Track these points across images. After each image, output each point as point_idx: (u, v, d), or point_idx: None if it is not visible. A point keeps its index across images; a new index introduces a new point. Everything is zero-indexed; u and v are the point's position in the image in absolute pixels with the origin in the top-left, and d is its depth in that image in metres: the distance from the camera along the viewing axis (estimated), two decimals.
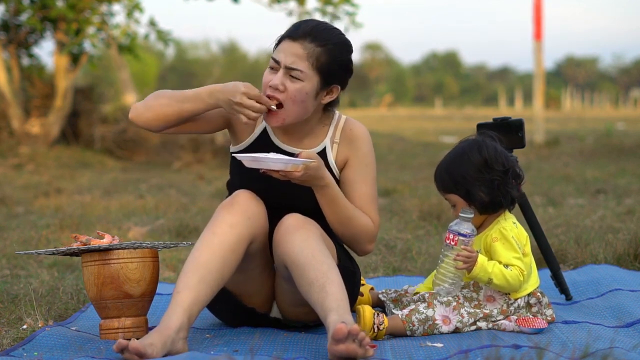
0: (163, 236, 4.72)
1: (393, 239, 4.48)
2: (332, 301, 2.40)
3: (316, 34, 2.61)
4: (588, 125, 20.92)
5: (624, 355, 2.23)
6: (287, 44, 2.62)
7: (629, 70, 75.37)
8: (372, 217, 2.74)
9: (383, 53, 74.78)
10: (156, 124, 2.69)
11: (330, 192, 2.62)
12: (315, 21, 2.68)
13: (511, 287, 2.66)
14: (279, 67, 2.63)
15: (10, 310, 2.99)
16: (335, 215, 2.66)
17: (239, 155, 2.54)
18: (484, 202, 2.69)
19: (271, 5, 10.81)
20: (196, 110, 2.66)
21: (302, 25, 2.64)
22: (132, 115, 2.70)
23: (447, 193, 2.75)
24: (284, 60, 2.61)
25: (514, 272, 2.64)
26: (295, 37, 2.62)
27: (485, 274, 2.63)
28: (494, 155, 2.70)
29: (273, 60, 2.64)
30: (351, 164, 2.76)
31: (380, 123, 24.49)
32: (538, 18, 12.24)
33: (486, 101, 62.98)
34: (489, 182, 2.68)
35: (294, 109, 2.63)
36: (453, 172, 2.72)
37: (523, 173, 2.78)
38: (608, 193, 6.67)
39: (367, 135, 2.80)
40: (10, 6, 10.82)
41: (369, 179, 2.76)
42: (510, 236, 2.69)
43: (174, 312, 2.41)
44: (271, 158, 2.48)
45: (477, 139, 2.76)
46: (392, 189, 7.02)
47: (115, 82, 25.03)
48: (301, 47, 2.60)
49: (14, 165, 9.93)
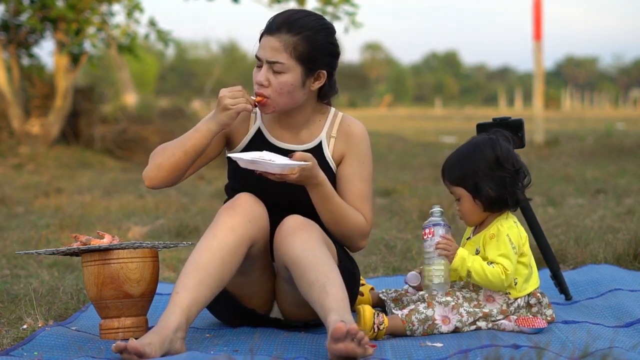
0: (163, 236, 4.72)
1: (393, 239, 4.48)
2: (332, 301, 2.40)
3: (290, 24, 2.64)
4: (588, 125, 20.92)
5: (623, 355, 2.23)
6: (265, 40, 2.66)
7: (629, 70, 75.35)
8: (365, 214, 2.74)
9: (383, 53, 74.75)
10: (173, 176, 2.70)
11: (323, 190, 2.62)
12: (290, 11, 2.70)
13: (492, 284, 2.65)
14: (262, 64, 2.66)
15: (10, 310, 2.99)
16: (328, 213, 2.67)
17: (236, 155, 2.55)
18: (490, 198, 2.69)
19: (271, 5, 10.81)
20: (201, 145, 2.68)
21: (276, 18, 2.66)
22: (149, 182, 2.70)
23: (454, 186, 2.75)
24: (264, 55, 2.65)
25: (495, 270, 2.64)
26: (271, 31, 2.65)
27: (464, 267, 2.64)
28: (507, 154, 2.71)
29: (256, 58, 2.68)
30: (348, 161, 2.77)
31: (380, 123, 24.49)
32: (538, 18, 12.24)
33: (486, 101, 62.95)
34: (499, 179, 2.69)
35: (282, 100, 2.67)
36: (464, 166, 2.72)
37: (530, 177, 2.78)
38: (608, 193, 6.67)
39: (365, 133, 2.81)
40: (10, 6, 10.81)
41: (364, 177, 2.77)
42: (505, 234, 2.68)
43: (172, 312, 2.41)
44: (267, 162, 2.48)
45: (491, 136, 2.76)
46: (392, 189, 7.01)
47: (115, 82, 25.04)
48: (277, 40, 2.63)
49: (14, 165, 9.93)
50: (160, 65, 50.19)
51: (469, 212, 2.75)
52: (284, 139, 2.78)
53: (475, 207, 2.73)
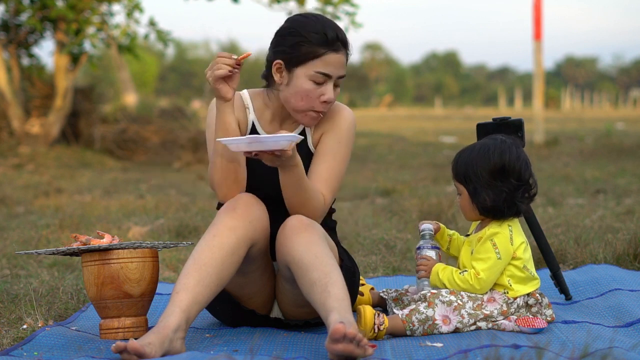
0: (163, 236, 4.72)
1: (393, 239, 4.48)
2: (334, 301, 2.40)
3: (345, 39, 2.70)
4: (588, 125, 20.92)
5: (623, 354, 2.23)
6: (334, 57, 2.66)
7: (629, 70, 75.39)
8: (326, 194, 2.72)
9: (383, 53, 74.78)
10: (232, 178, 2.65)
11: (298, 171, 2.59)
12: (333, 23, 2.70)
13: (466, 290, 2.69)
14: (326, 80, 2.66)
15: (10, 310, 2.99)
16: (294, 196, 2.64)
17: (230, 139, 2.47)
18: (486, 206, 2.71)
19: (271, 5, 10.81)
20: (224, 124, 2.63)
21: (337, 35, 2.67)
22: (221, 197, 2.68)
23: (457, 182, 2.78)
24: (337, 73, 2.68)
25: (464, 277, 2.69)
26: (337, 49, 2.67)
27: (439, 281, 2.73)
28: (514, 164, 2.70)
29: (321, 75, 2.65)
30: (325, 138, 2.77)
31: (380, 123, 24.49)
32: (538, 18, 12.24)
33: (486, 101, 62.99)
34: (498, 190, 2.69)
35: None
36: (468, 167, 2.73)
37: (536, 189, 2.77)
38: (608, 193, 6.67)
39: (351, 118, 2.81)
40: (10, 6, 10.82)
41: (337, 156, 2.75)
42: (489, 239, 2.69)
43: (171, 312, 2.41)
44: (268, 138, 2.43)
45: (506, 140, 2.75)
46: (392, 189, 7.02)
47: (115, 82, 25.06)
48: (343, 55, 2.70)
49: (14, 165, 9.93)
50: (160, 65, 50.22)
51: (466, 210, 2.78)
52: (271, 131, 2.79)
53: (472, 207, 2.75)
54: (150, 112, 12.57)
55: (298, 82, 2.66)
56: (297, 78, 2.66)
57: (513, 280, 2.71)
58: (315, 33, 2.64)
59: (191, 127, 11.91)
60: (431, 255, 2.81)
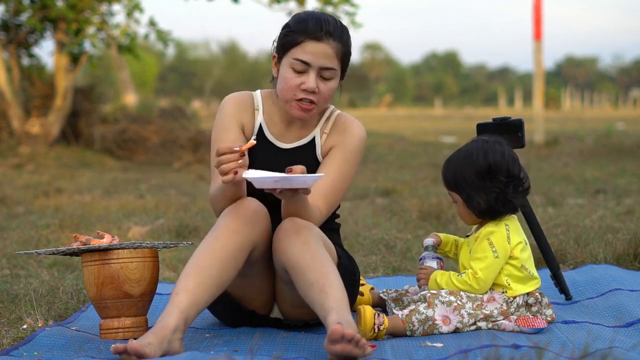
0: (163, 236, 4.72)
1: (393, 239, 4.48)
2: (332, 301, 2.40)
3: (336, 30, 2.66)
4: (588, 125, 20.92)
5: (623, 355, 2.23)
6: (314, 46, 2.64)
7: (629, 70, 75.38)
8: (322, 209, 2.70)
9: (383, 53, 74.79)
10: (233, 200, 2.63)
11: (305, 200, 2.59)
12: (325, 16, 2.70)
13: (466, 291, 2.70)
14: (306, 69, 2.64)
15: (10, 310, 2.99)
16: (293, 214, 2.62)
17: (252, 176, 2.42)
18: (481, 209, 2.72)
19: (271, 5, 10.81)
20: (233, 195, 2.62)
21: (322, 25, 2.64)
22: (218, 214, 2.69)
23: (449, 190, 2.78)
24: (315, 62, 2.64)
25: (462, 278, 2.70)
26: (319, 38, 2.64)
27: (437, 286, 2.74)
28: (500, 162, 2.70)
29: (300, 62, 2.64)
30: (332, 152, 2.77)
31: (380, 123, 24.48)
32: (538, 18, 12.24)
33: (486, 101, 62.97)
34: (490, 190, 2.69)
35: (324, 105, 2.72)
36: (456, 173, 2.74)
37: (529, 182, 2.77)
38: (608, 193, 6.67)
39: (362, 134, 2.80)
40: (10, 6, 10.82)
41: (342, 172, 2.74)
42: (486, 238, 2.70)
43: (170, 313, 2.41)
44: (299, 177, 2.40)
45: (487, 140, 2.75)
46: (392, 189, 7.02)
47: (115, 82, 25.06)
48: (328, 46, 2.65)
49: (14, 165, 9.93)
50: (160, 65, 50.21)
51: (464, 216, 2.80)
52: (281, 137, 2.78)
53: (469, 212, 2.76)
54: (150, 112, 12.57)
55: (282, 71, 2.68)
56: (282, 67, 2.69)
57: (511, 280, 2.72)
58: (299, 23, 2.66)
59: (191, 127, 11.91)
60: (432, 265, 2.85)
